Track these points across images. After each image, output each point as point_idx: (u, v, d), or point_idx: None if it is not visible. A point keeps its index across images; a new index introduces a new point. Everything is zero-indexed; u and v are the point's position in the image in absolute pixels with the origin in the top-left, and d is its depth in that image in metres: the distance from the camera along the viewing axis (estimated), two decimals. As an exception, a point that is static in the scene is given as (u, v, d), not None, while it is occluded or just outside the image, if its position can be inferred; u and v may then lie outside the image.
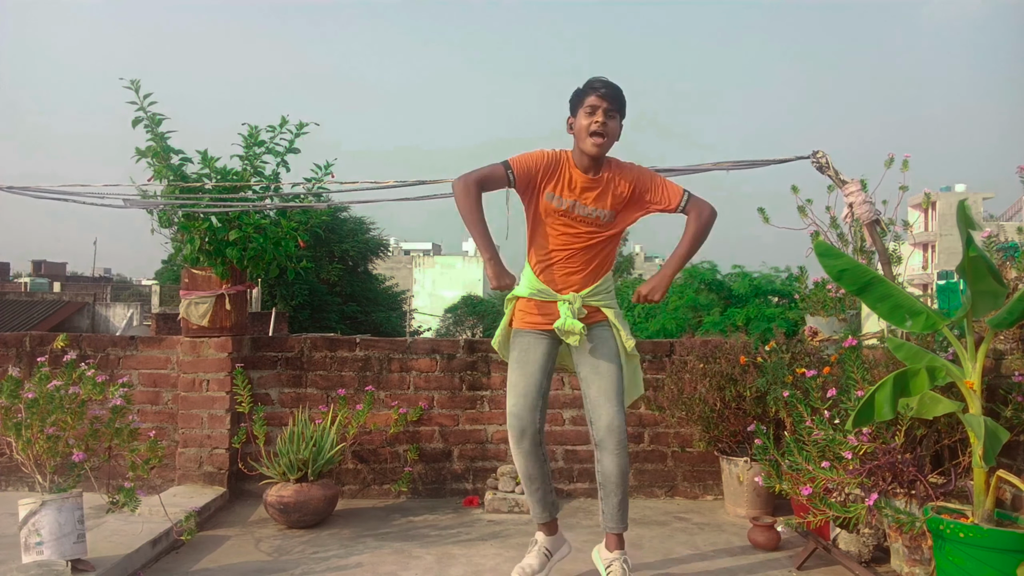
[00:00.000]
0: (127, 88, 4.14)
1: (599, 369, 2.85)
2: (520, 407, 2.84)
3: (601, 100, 2.71)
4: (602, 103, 2.71)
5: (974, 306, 2.71)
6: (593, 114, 2.72)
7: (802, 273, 4.86)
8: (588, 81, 2.79)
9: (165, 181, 4.23)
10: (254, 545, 3.56)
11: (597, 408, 2.81)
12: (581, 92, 2.78)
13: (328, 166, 4.45)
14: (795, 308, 11.54)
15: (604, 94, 2.72)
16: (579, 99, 2.77)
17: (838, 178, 4.05)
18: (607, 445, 2.78)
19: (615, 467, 2.79)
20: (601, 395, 2.82)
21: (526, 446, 2.84)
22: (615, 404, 2.81)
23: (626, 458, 2.80)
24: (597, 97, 2.72)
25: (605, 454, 2.80)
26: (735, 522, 4.02)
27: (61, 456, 2.89)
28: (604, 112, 2.72)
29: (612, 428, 2.77)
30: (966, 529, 2.58)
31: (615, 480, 2.81)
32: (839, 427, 3.18)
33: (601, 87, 2.73)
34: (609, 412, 2.79)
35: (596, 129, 2.71)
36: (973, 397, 2.74)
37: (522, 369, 2.89)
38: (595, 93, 2.72)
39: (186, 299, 4.31)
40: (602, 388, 2.83)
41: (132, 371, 4.49)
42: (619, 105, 2.77)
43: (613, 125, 2.76)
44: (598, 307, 2.90)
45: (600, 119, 2.71)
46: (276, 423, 4.41)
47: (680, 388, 4.25)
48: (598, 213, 2.82)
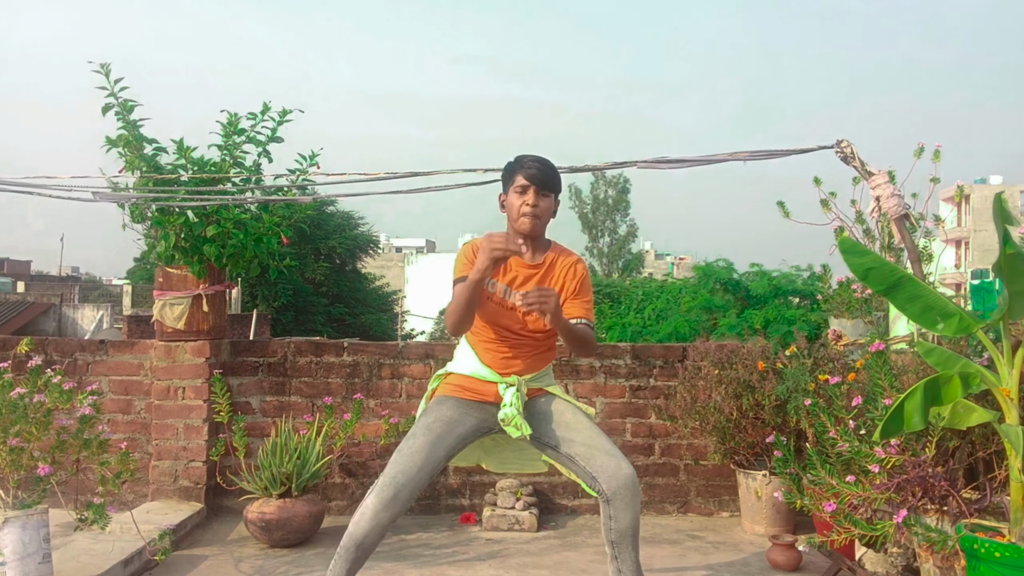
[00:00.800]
0: (96, 72, 4.14)
1: (572, 427, 2.74)
2: (406, 479, 2.62)
3: (531, 181, 2.73)
4: (532, 183, 2.73)
5: (1011, 307, 2.71)
6: (524, 194, 2.74)
7: (825, 272, 4.86)
8: (519, 158, 2.81)
9: (138, 172, 4.23)
10: (234, 566, 3.56)
11: (598, 460, 2.66)
12: (512, 169, 2.80)
13: (313, 156, 4.45)
14: (817, 310, 11.55)
15: (532, 175, 2.73)
16: (510, 177, 2.79)
17: (864, 169, 4.05)
18: (625, 498, 2.63)
19: (632, 520, 2.66)
20: (594, 449, 2.68)
21: (385, 520, 2.60)
22: (618, 453, 2.69)
23: (639, 507, 2.69)
24: (524, 178, 2.74)
25: (623, 509, 2.64)
26: (753, 541, 4.03)
27: (25, 469, 2.89)
28: (535, 193, 2.74)
29: (628, 478, 2.62)
30: (1002, 548, 2.58)
31: (632, 534, 2.68)
32: (865, 438, 3.18)
33: (531, 167, 2.75)
34: (617, 461, 2.65)
35: (526, 211, 2.73)
36: (1010, 406, 2.74)
37: (431, 440, 2.70)
38: (523, 173, 2.74)
39: (160, 300, 4.31)
40: (592, 440, 2.70)
41: (102, 378, 4.49)
42: (551, 184, 2.77)
43: (546, 204, 2.77)
44: (541, 388, 2.86)
45: (531, 200, 2.73)
46: (257, 434, 4.41)
47: (694, 396, 4.25)
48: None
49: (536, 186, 2.74)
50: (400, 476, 2.64)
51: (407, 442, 2.73)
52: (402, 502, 2.63)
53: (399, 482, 2.63)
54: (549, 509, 4.47)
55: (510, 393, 2.73)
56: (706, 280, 14.77)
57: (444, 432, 2.74)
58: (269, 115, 4.37)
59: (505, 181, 2.84)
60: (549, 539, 4.01)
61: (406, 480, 2.64)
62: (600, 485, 2.66)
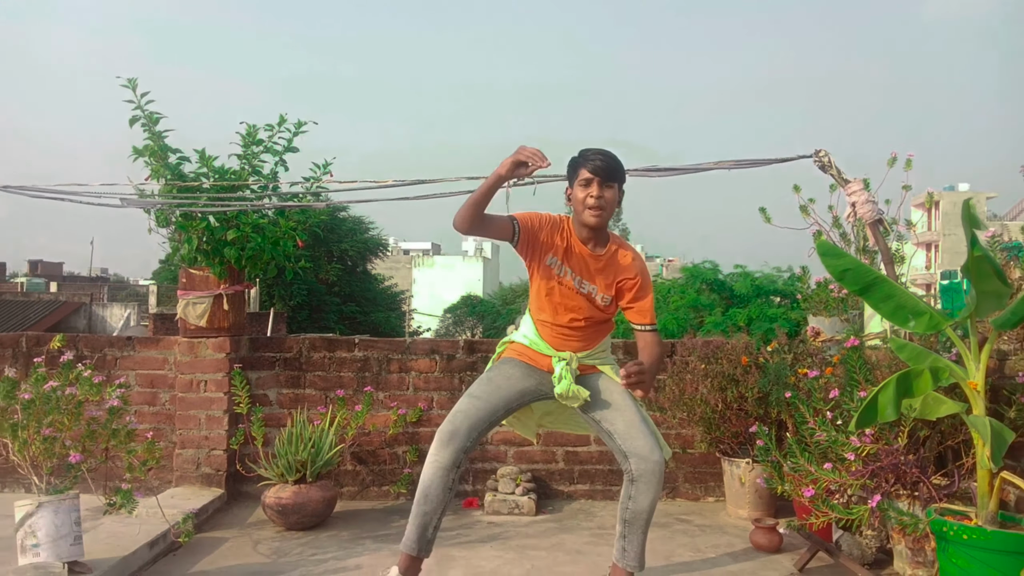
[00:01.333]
0: (124, 87, 4.14)
1: (617, 405, 2.73)
2: (465, 417, 2.64)
3: (595, 173, 2.66)
4: (596, 175, 2.66)
5: (978, 306, 2.71)
6: (588, 186, 2.67)
7: (804, 273, 4.85)
8: (582, 152, 2.73)
9: (162, 180, 4.23)
10: (252, 547, 3.56)
11: (635, 441, 2.64)
12: (576, 163, 2.73)
13: (327, 165, 4.45)
14: (797, 308, 11.54)
15: (597, 167, 2.66)
16: (574, 171, 2.72)
17: (840, 177, 4.05)
18: (649, 482, 2.62)
19: (650, 504, 2.66)
20: (635, 428, 2.67)
21: (445, 459, 2.60)
22: (652, 435, 2.68)
23: (659, 494, 2.67)
24: (590, 171, 2.66)
25: (644, 491, 2.63)
26: (737, 524, 4.02)
27: (58, 457, 2.89)
28: (599, 184, 2.66)
29: (658, 463, 2.62)
30: (970, 531, 2.58)
31: (646, 517, 2.69)
32: (842, 428, 3.18)
33: (594, 159, 2.68)
34: (651, 445, 2.63)
35: (592, 203, 2.66)
36: (977, 398, 2.74)
37: (492, 388, 2.73)
38: (588, 166, 2.67)
39: (183, 299, 4.31)
40: (630, 420, 2.69)
41: (129, 372, 4.49)
42: (614, 175, 2.70)
43: (610, 195, 2.69)
44: (594, 365, 2.85)
45: (595, 192, 2.66)
46: (274, 424, 4.41)
47: (682, 389, 4.25)
48: (591, 289, 2.75)
49: (600, 178, 2.66)
50: (459, 415, 2.65)
51: (470, 390, 2.75)
52: (460, 440, 2.60)
53: (457, 420, 2.64)
54: (547, 494, 4.47)
55: (560, 367, 2.71)
56: (693, 280, 14.77)
57: (505, 384, 2.76)
58: (285, 127, 4.37)
59: (570, 176, 2.75)
60: (547, 522, 4.01)
61: (463, 418, 2.65)
62: (629, 464, 2.65)
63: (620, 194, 2.77)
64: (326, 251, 21.10)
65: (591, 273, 2.75)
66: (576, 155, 2.75)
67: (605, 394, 2.78)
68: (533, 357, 2.83)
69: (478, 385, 2.77)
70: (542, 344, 2.80)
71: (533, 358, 2.83)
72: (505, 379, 2.78)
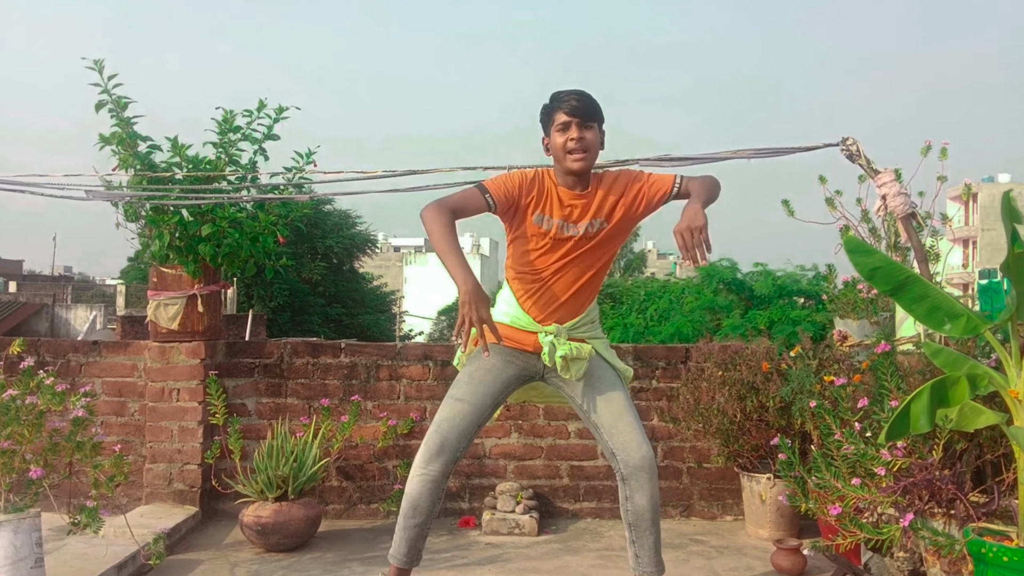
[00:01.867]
0: (90, 68, 4.14)
1: (606, 395, 2.74)
2: (452, 425, 2.66)
3: (572, 114, 2.65)
4: (574, 117, 2.65)
5: (1020, 307, 2.71)
6: (567, 130, 2.66)
7: (830, 272, 4.85)
8: (554, 95, 2.72)
9: (131, 171, 4.23)
10: (229, 571, 3.56)
11: (620, 437, 2.68)
12: (549, 108, 2.71)
13: (310, 154, 4.45)
14: (823, 310, 11.53)
15: (573, 107, 2.65)
16: (548, 116, 2.71)
17: (870, 167, 4.05)
18: (640, 479, 2.66)
19: (649, 502, 2.69)
20: (621, 422, 2.69)
21: (434, 471, 2.64)
22: (640, 432, 2.70)
23: (658, 491, 2.70)
24: (566, 112, 2.65)
25: (637, 489, 2.68)
26: (757, 545, 4.03)
27: (17, 473, 2.89)
28: (578, 126, 2.65)
29: (644, 458, 2.66)
30: (1011, 553, 2.58)
31: (650, 516, 2.70)
32: (871, 441, 3.18)
33: (569, 99, 2.66)
34: (638, 440, 2.67)
35: (572, 146, 2.65)
36: (1019, 408, 2.74)
37: (475, 387, 2.73)
38: (563, 108, 2.66)
39: (154, 300, 4.31)
40: (619, 414, 2.71)
41: (95, 379, 4.49)
42: (592, 114, 2.69)
43: (591, 136, 2.68)
44: (583, 339, 2.82)
45: (575, 134, 2.65)
46: (253, 436, 4.41)
47: (697, 398, 4.25)
48: (586, 226, 2.73)
49: (579, 119, 2.65)
50: (445, 423, 2.65)
51: (451, 392, 2.74)
52: (449, 452, 2.62)
53: (444, 429, 2.64)
54: (550, 513, 4.47)
55: (547, 342, 2.70)
56: (709, 280, 14.77)
57: (487, 379, 2.74)
58: (265, 112, 4.37)
59: (544, 123, 2.74)
60: (550, 543, 4.01)
61: (450, 426, 2.65)
62: (618, 462, 2.68)
63: (602, 135, 2.75)
64: (309, 248, 21.11)
65: (586, 213, 2.73)
66: (547, 100, 2.72)
67: (595, 380, 2.76)
68: (515, 338, 2.77)
69: (459, 385, 2.76)
70: (524, 318, 2.77)
71: (516, 339, 2.78)
72: (486, 372, 2.75)
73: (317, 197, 5.01)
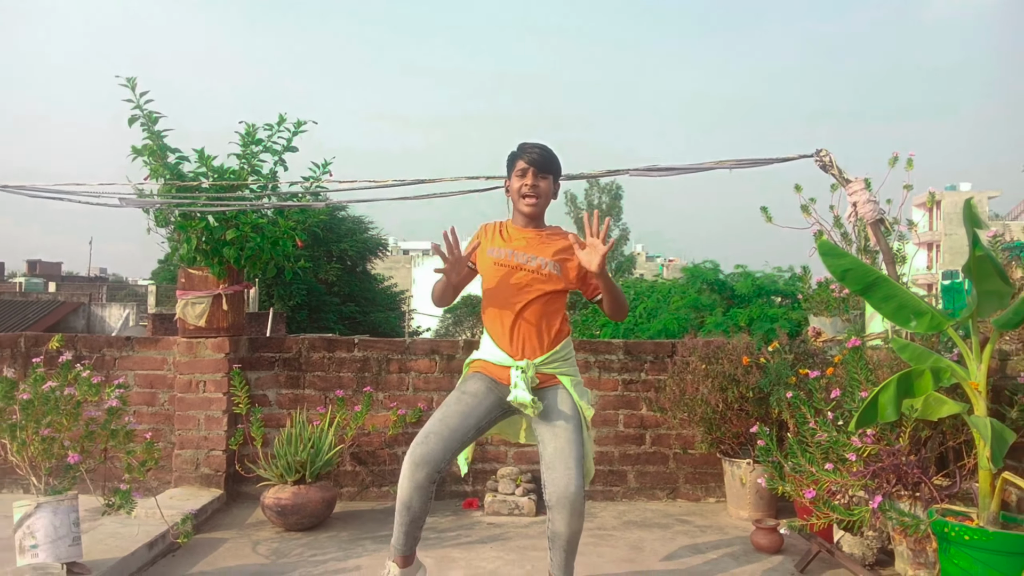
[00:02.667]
0: (123, 86, 4.14)
1: (556, 429, 2.73)
2: (437, 438, 2.67)
3: (530, 164, 2.82)
4: (532, 166, 2.82)
5: (979, 306, 2.71)
6: (524, 176, 2.83)
7: (805, 273, 4.86)
8: (520, 145, 2.91)
9: (161, 180, 4.23)
10: (251, 548, 3.56)
11: (552, 471, 2.64)
12: (514, 156, 2.89)
13: (326, 165, 4.45)
14: (798, 308, 11.55)
15: (531, 159, 2.83)
16: (512, 163, 2.88)
17: (842, 177, 4.05)
18: (560, 511, 2.62)
19: (567, 530, 2.66)
20: (557, 459, 2.66)
21: (420, 478, 2.65)
22: (572, 469, 2.65)
23: (580, 523, 2.67)
24: (525, 162, 2.83)
25: (557, 518, 2.64)
26: (737, 525, 4.02)
27: (56, 458, 2.89)
28: (533, 175, 2.82)
29: (567, 496, 2.61)
30: (971, 532, 2.58)
31: (564, 539, 2.69)
32: (843, 428, 3.18)
33: (531, 152, 2.84)
34: (566, 477, 2.61)
35: (526, 192, 2.83)
36: (978, 398, 2.74)
37: (460, 407, 2.77)
38: (524, 157, 2.84)
39: (182, 299, 4.31)
40: (559, 449, 2.69)
41: (128, 372, 4.49)
42: (549, 166, 2.85)
43: (545, 185, 2.85)
44: (555, 374, 2.83)
45: (530, 181, 2.82)
46: (273, 424, 4.41)
47: (682, 389, 4.25)
48: (539, 261, 2.80)
49: (535, 168, 2.82)
50: (431, 435, 2.68)
51: (440, 408, 2.79)
52: (434, 460, 2.64)
53: (430, 441, 2.67)
54: (547, 495, 4.46)
55: (516, 375, 2.74)
56: (694, 281, 14.77)
57: (473, 402, 2.79)
58: (285, 126, 4.37)
59: (508, 167, 2.90)
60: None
61: (436, 439, 2.67)
62: (546, 494, 2.65)
63: (556, 186, 2.92)
64: (325, 251, 21.11)
65: (533, 247, 2.84)
66: (515, 149, 2.92)
67: (551, 414, 2.77)
68: (494, 372, 2.84)
69: (448, 406, 2.79)
70: (500, 354, 2.82)
71: (495, 372, 2.84)
72: (473, 396, 2.81)
73: (332, 204, 5.00)
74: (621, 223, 48.00)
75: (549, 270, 2.80)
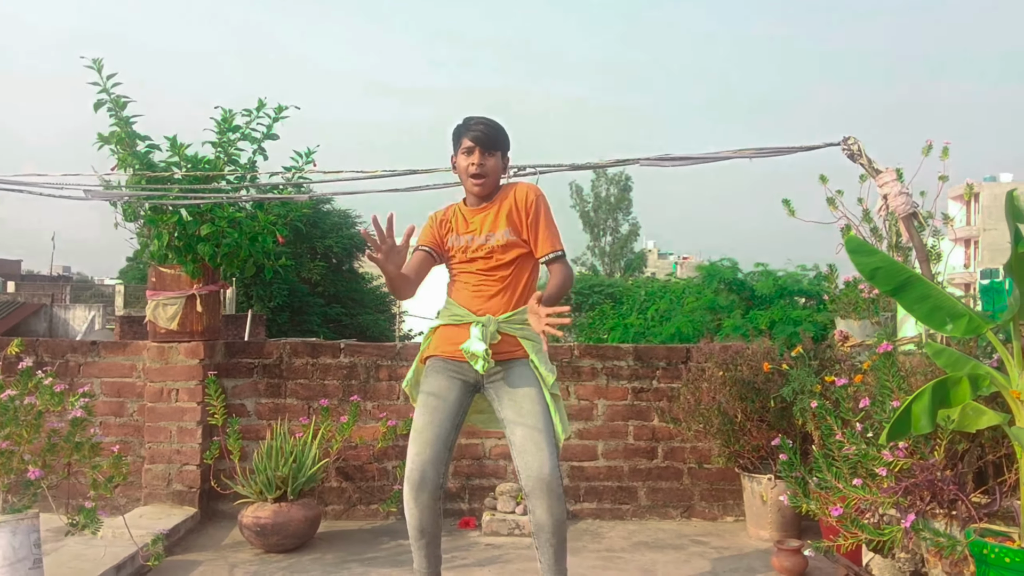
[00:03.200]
0: (88, 68, 4.14)
1: (522, 412, 2.83)
2: (424, 458, 2.81)
3: (475, 142, 2.89)
4: (477, 144, 2.89)
5: (1022, 308, 2.71)
6: (470, 155, 2.90)
7: (832, 272, 4.85)
8: (465, 119, 2.96)
9: (130, 170, 4.23)
10: (228, 571, 3.56)
11: (524, 455, 2.77)
12: (459, 131, 2.95)
13: (310, 154, 4.45)
14: (824, 310, 11.53)
15: (478, 136, 2.89)
16: (457, 139, 2.95)
17: (871, 167, 4.04)
18: (538, 497, 2.75)
19: (548, 518, 2.76)
20: (528, 441, 2.77)
21: (424, 499, 2.81)
22: (545, 450, 2.76)
23: (562, 508, 2.77)
24: (471, 140, 2.89)
25: (537, 506, 2.76)
26: (758, 546, 4.03)
27: (15, 473, 2.89)
28: (480, 153, 2.88)
29: (542, 479, 2.73)
30: (1012, 553, 2.58)
31: (549, 530, 2.78)
32: (872, 441, 3.18)
33: (476, 128, 2.90)
34: (539, 460, 2.75)
35: (474, 171, 2.90)
36: (1021, 408, 2.74)
37: (430, 415, 2.88)
38: (469, 135, 2.90)
39: (153, 300, 4.31)
40: (528, 434, 2.79)
41: (94, 379, 4.49)
42: (495, 143, 2.93)
43: (492, 163, 2.92)
44: (515, 336, 2.89)
45: (477, 159, 2.88)
46: (252, 437, 4.41)
47: (697, 398, 4.25)
48: (496, 236, 2.92)
49: (480, 147, 2.89)
50: (417, 458, 2.82)
51: (414, 424, 2.89)
52: (429, 478, 2.80)
53: (418, 464, 2.81)
54: (550, 513, 4.46)
55: (475, 330, 2.82)
56: (710, 280, 14.76)
57: (439, 403, 2.89)
58: (264, 111, 4.37)
59: (454, 143, 2.97)
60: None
61: (421, 460, 2.81)
62: (520, 479, 2.79)
63: (505, 161, 3.00)
64: (309, 248, 21.11)
65: (488, 225, 2.93)
66: (459, 122, 2.97)
67: (517, 394, 2.87)
68: (448, 350, 2.92)
69: (417, 418, 2.90)
70: (461, 311, 2.92)
71: (448, 351, 2.92)
72: (436, 398, 2.91)
73: (316, 197, 5.01)
74: (631, 217, 48.03)
75: (507, 238, 2.90)
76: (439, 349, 2.97)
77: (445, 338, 2.95)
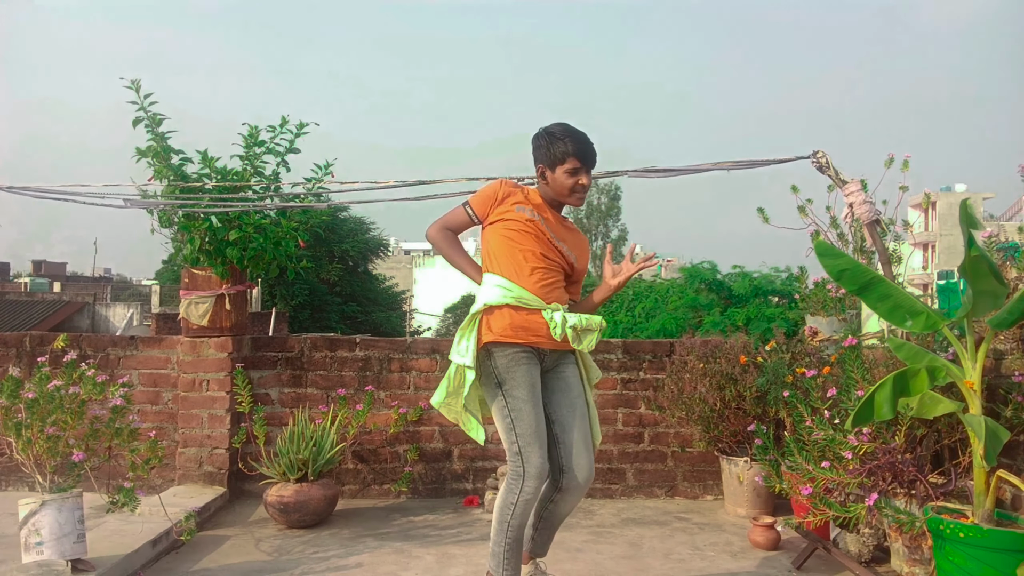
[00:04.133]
0: (127, 88, 4.14)
1: (577, 411, 2.67)
2: (545, 456, 2.55)
3: (584, 162, 2.65)
4: (585, 164, 2.65)
5: (974, 306, 2.71)
6: (576, 175, 2.64)
7: (802, 273, 4.87)
8: (567, 132, 2.65)
9: (165, 181, 4.23)
10: (254, 545, 3.56)
11: (576, 457, 2.61)
12: (561, 145, 2.63)
13: (328, 166, 4.46)
14: (795, 308, 11.53)
15: (587, 155, 2.65)
16: (557, 154, 2.63)
17: (838, 178, 4.05)
18: (572, 493, 2.64)
19: (570, 509, 2.72)
20: (582, 444, 2.63)
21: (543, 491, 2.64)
22: (591, 455, 2.67)
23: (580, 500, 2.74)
24: (579, 159, 2.63)
25: (567, 500, 2.66)
26: (735, 522, 4.02)
27: (61, 456, 2.89)
28: (586, 172, 2.66)
29: (587, 481, 2.64)
30: (966, 529, 2.58)
31: (561, 519, 2.75)
32: (839, 427, 3.18)
33: (582, 145, 2.64)
34: (588, 464, 2.63)
35: (580, 193, 2.68)
36: (973, 397, 2.74)
37: (539, 411, 2.57)
38: (576, 155, 2.62)
39: (186, 299, 4.31)
40: (582, 435, 2.65)
41: (132, 371, 4.49)
42: (595, 161, 2.71)
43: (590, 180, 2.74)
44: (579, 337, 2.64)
45: (586, 181, 2.66)
46: (276, 423, 4.41)
47: (680, 388, 4.25)
48: (578, 264, 2.77)
49: (589, 167, 2.67)
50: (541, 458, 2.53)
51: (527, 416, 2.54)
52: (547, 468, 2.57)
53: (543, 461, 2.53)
54: (546, 493, 4.46)
55: (558, 316, 2.57)
56: (692, 281, 14.75)
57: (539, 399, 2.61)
58: (287, 128, 4.37)
59: (549, 156, 2.65)
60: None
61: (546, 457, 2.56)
62: (564, 479, 2.63)
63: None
64: (327, 251, 21.09)
65: (562, 233, 2.73)
66: (556, 133, 2.65)
67: (571, 392, 2.69)
68: (528, 326, 2.58)
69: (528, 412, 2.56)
70: (528, 295, 2.58)
71: (529, 327, 2.58)
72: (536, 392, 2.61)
73: (334, 205, 5.00)
74: (620, 223, 47.98)
75: (568, 259, 2.72)
76: (518, 336, 2.57)
77: (518, 324, 2.57)
